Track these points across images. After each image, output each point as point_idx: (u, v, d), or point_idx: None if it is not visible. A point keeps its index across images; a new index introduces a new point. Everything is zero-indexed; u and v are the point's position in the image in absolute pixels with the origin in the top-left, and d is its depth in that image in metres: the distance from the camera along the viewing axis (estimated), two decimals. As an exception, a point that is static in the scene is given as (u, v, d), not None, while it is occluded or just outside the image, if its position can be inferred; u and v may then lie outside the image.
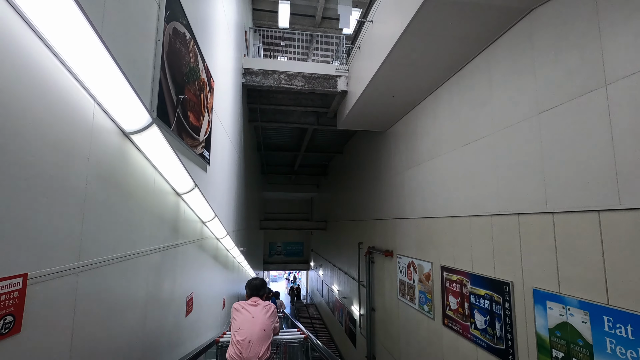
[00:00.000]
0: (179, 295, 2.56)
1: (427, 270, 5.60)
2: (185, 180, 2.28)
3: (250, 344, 2.66)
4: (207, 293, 3.72)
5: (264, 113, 8.21)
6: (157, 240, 2.03)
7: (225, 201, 4.63)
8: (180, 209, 2.56)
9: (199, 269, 3.17)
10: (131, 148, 1.66)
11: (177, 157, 1.98)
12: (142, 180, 1.81)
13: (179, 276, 2.53)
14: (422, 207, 5.84)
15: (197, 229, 3.09)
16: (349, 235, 11.45)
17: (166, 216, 2.23)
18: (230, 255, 5.62)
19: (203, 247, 3.37)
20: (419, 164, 6.01)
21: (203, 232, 3.34)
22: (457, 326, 4.66)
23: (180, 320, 2.56)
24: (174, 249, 2.38)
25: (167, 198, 2.25)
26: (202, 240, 3.28)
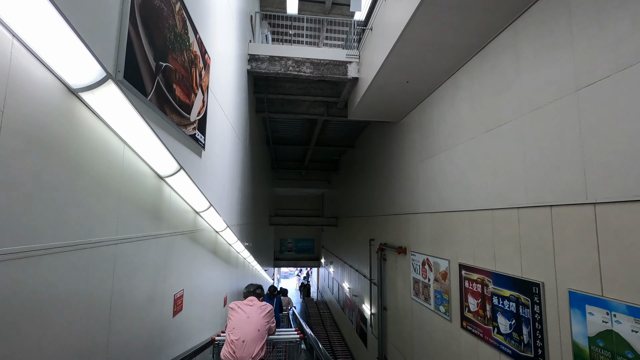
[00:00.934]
0: (164, 293, 2.27)
1: (444, 269, 5.20)
2: (167, 161, 1.97)
3: (244, 344, 2.71)
4: (204, 290, 3.43)
5: (271, 103, 7.90)
6: (128, 229, 1.73)
7: (227, 192, 4.33)
8: (165, 195, 2.26)
9: (191, 263, 2.88)
10: (83, 111, 1.34)
11: (152, 129, 1.67)
12: (104, 153, 1.50)
13: (163, 271, 2.23)
14: (438, 200, 5.44)
15: (189, 220, 2.80)
16: (360, 231, 11.08)
17: (143, 201, 1.93)
18: (233, 250, 5.33)
19: (197, 240, 3.08)
20: (435, 155, 5.60)
21: (197, 223, 3.05)
22: (477, 330, 4.26)
23: (165, 321, 2.27)
24: (155, 240, 2.08)
25: (145, 181, 1.95)
26: (196, 232, 2.99)
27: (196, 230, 3.00)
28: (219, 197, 3.89)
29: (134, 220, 1.78)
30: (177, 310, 2.47)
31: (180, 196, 2.52)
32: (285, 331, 3.89)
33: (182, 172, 2.17)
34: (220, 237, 4.19)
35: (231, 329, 2.80)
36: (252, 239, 9.03)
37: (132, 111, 1.50)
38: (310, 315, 17.90)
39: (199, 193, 2.69)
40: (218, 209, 3.69)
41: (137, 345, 1.84)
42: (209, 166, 3.30)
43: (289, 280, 35.56)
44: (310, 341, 4.19)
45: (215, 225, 3.62)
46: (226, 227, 3.85)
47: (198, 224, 3.07)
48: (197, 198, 2.72)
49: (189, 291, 2.82)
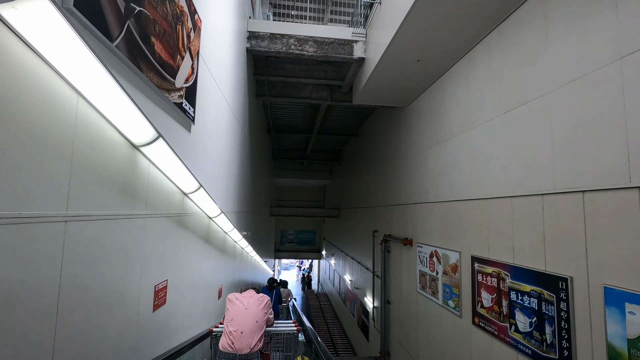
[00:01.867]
0: (141, 284, 1.94)
1: (454, 261, 4.87)
2: (140, 125, 1.62)
3: (243, 335, 2.75)
4: (194, 281, 3.12)
5: (272, 87, 7.51)
6: (85, 204, 1.39)
7: (222, 176, 3.99)
8: (141, 168, 1.92)
9: (178, 250, 2.55)
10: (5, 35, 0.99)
11: (118, 83, 1.32)
12: (41, 99, 1.15)
13: (138, 259, 1.90)
14: (449, 188, 5.09)
15: (175, 201, 2.47)
16: (363, 222, 10.77)
17: (110, 173, 1.58)
18: (229, 239, 5.02)
19: (186, 225, 2.75)
20: (446, 140, 5.23)
21: (186, 206, 2.71)
22: (491, 327, 3.95)
23: (142, 317, 1.95)
24: (127, 221, 1.75)
25: (112, 148, 1.60)
26: (184, 216, 2.66)
27: (184, 214, 2.67)
28: (213, 180, 3.55)
29: (94, 194, 1.44)
30: (158, 304, 2.15)
31: (163, 172, 2.18)
32: (284, 323, 3.87)
33: (162, 142, 1.83)
34: (214, 224, 3.87)
35: (229, 320, 2.84)
36: (252, 229, 8.72)
37: (85, 52, 1.15)
38: (310, 307, 17.71)
39: (186, 171, 2.35)
40: (211, 192, 3.36)
41: (101, 347, 1.52)
42: (201, 144, 2.96)
43: (290, 272, 35.45)
44: (309, 334, 4.13)
45: (208, 210, 3.29)
46: (220, 213, 3.52)
47: (187, 207, 2.74)
48: (185, 177, 2.38)
49: (175, 282, 2.51)
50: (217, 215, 3.52)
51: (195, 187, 2.58)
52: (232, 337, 2.75)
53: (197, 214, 3.10)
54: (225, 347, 2.74)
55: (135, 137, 1.71)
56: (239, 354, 2.73)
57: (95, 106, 1.46)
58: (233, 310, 2.90)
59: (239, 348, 2.71)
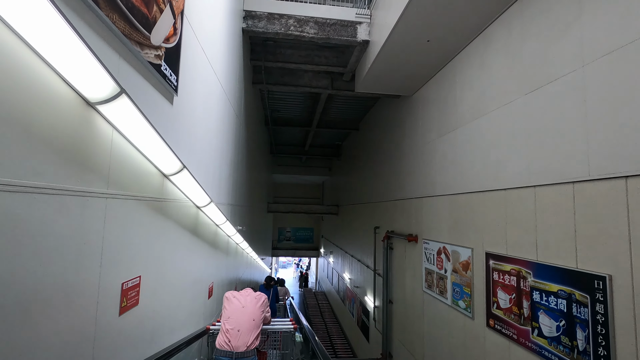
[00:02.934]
0: (101, 282, 1.55)
1: (465, 258, 4.51)
2: (96, 74, 1.23)
3: (239, 333, 2.75)
4: (178, 278, 2.73)
5: (269, 73, 7.12)
6: (4, 168, 1.01)
7: (214, 163, 3.60)
8: (100, 134, 1.52)
9: (156, 242, 2.16)
10: None
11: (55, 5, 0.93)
12: None
13: (97, 249, 1.52)
14: (460, 180, 4.71)
15: (151, 183, 2.08)
16: (363, 219, 10.40)
17: (48, 131, 1.19)
18: (221, 233, 4.63)
19: (167, 213, 2.36)
20: (457, 129, 4.86)
21: (167, 190, 2.32)
22: (509, 330, 3.58)
23: (104, 322, 1.56)
24: (77, 199, 1.36)
25: (55, 101, 1.21)
26: (163, 202, 2.27)
27: (165, 200, 2.28)
28: (202, 166, 3.16)
29: (20, 156, 1.06)
30: (127, 306, 1.76)
31: (133, 144, 1.78)
32: (281, 321, 3.85)
33: (127, 102, 1.43)
34: (204, 215, 3.48)
35: (226, 318, 2.85)
36: (247, 225, 8.33)
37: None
38: (308, 306, 17.35)
39: (165, 148, 1.96)
40: (200, 178, 2.97)
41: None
42: (186, 121, 2.57)
43: (287, 270, 35.09)
44: (306, 332, 4.08)
45: (195, 198, 2.90)
46: (210, 202, 3.13)
47: (168, 192, 2.35)
48: (164, 154, 1.99)
49: (153, 279, 2.12)
50: (207, 204, 3.12)
51: (178, 168, 2.19)
52: (228, 335, 2.77)
53: (182, 202, 2.71)
54: (222, 345, 2.75)
55: (89, 90, 1.32)
56: (236, 352, 2.73)
57: (28, 42, 1.07)
58: (230, 309, 2.91)
59: (236, 346, 2.73)
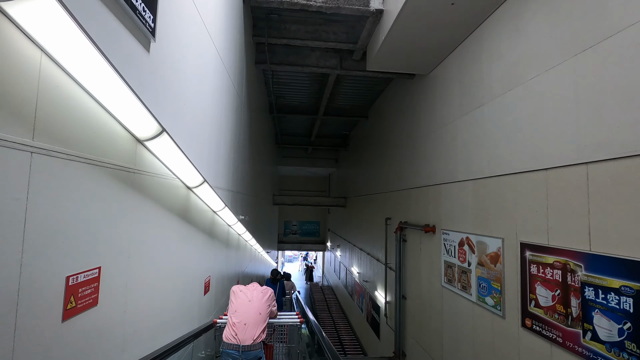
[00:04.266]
0: (22, 274, 1.08)
1: (494, 250, 4.00)
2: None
3: (246, 327, 2.78)
4: (162, 270, 2.27)
5: (273, 52, 6.60)
6: None
7: (208, 136, 3.11)
8: (13, 51, 1.06)
9: (124, 224, 1.68)
10: None
11: None
12: None
13: (15, 226, 1.04)
14: (487, 162, 4.19)
15: (116, 146, 1.60)
16: (373, 210, 9.90)
17: None
18: (220, 222, 4.19)
19: (143, 188, 1.87)
20: (483, 105, 4.32)
21: (141, 159, 1.83)
22: (552, 332, 3.08)
23: (32, 335, 1.09)
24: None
25: None
26: (137, 173, 1.79)
27: (138, 172, 1.80)
28: (194, 138, 2.67)
29: None
30: (77, 308, 1.29)
31: (78, 82, 1.31)
32: (287, 315, 3.82)
33: (60, 11, 0.97)
34: (197, 198, 3.02)
35: (233, 312, 2.89)
36: (252, 215, 7.88)
37: None
38: (315, 300, 16.96)
39: (134, 100, 1.49)
40: (191, 154, 2.50)
41: None
42: (169, 78, 2.05)
43: (293, 264, 34.80)
44: (312, 326, 4.01)
45: (184, 174, 2.42)
46: (203, 182, 2.66)
47: (144, 163, 1.87)
48: (133, 108, 1.52)
49: (120, 272, 1.65)
50: (199, 184, 2.66)
51: (155, 130, 1.72)
52: (235, 328, 2.80)
53: (166, 178, 2.24)
54: (228, 338, 2.77)
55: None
56: (243, 345, 2.73)
57: None
58: (237, 302, 2.94)
59: (243, 339, 2.74)
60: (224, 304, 4.62)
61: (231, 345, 2.73)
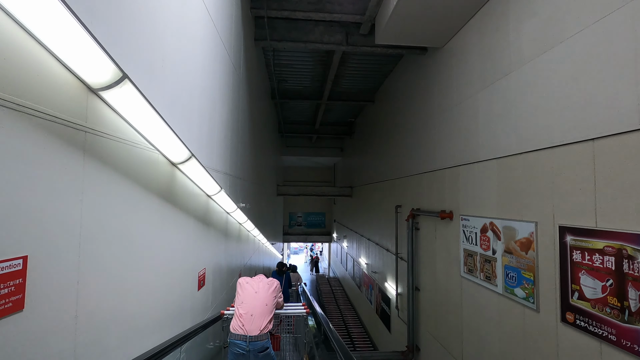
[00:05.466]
0: None
1: (525, 235, 3.55)
2: None
3: (253, 318, 2.83)
4: (138, 264, 1.84)
5: (274, 28, 6.11)
6: None
7: (197, 106, 2.65)
8: None
9: (63, 197, 1.21)
10: None
11: None
12: None
13: None
14: (515, 138, 3.72)
15: (60, 95, 1.18)
16: (382, 198, 9.46)
17: None
18: (218, 209, 3.77)
19: (102, 155, 1.40)
20: (510, 73, 3.83)
21: (97, 115, 1.35)
22: (602, 328, 2.64)
23: None
24: None
25: None
26: (89, 133, 1.32)
27: (92, 132, 1.33)
28: (177, 103, 2.22)
29: None
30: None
31: None
32: (293, 306, 3.84)
33: None
34: (186, 178, 2.60)
35: (240, 303, 2.93)
36: (255, 205, 7.48)
37: None
38: (322, 292, 16.66)
39: (77, 26, 1.06)
40: (176, 124, 2.07)
41: None
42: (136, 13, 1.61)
43: (299, 256, 34.58)
44: (319, 317, 3.98)
45: (163, 145, 1.96)
46: (190, 157, 2.22)
47: (103, 122, 1.42)
48: (77, 37, 1.09)
49: (69, 264, 1.22)
50: (185, 160, 2.23)
51: (112, 76, 1.27)
52: (242, 319, 2.82)
53: (138, 146, 1.80)
54: (236, 329, 2.80)
55: None
56: (249, 336, 2.76)
57: None
58: (243, 294, 2.98)
59: (250, 330, 2.77)
60: (224, 300, 4.24)
61: (238, 335, 2.76)
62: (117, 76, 1.31)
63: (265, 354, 2.81)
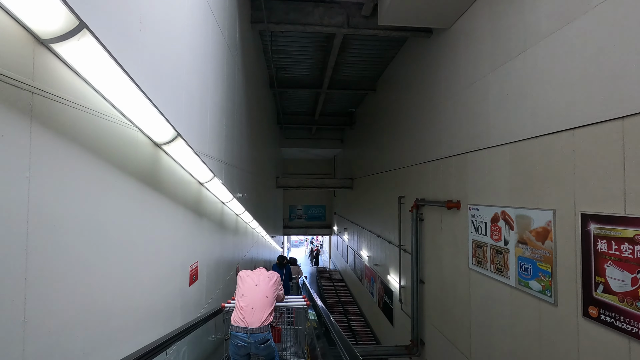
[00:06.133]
0: None
1: (542, 224, 3.31)
2: None
3: (253, 310, 2.84)
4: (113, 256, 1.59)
5: (271, 10, 5.81)
6: None
7: (183, 83, 2.35)
8: None
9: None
10: None
11: None
12: None
13: None
14: (531, 120, 3.46)
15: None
16: (384, 190, 9.22)
17: None
18: (212, 199, 3.53)
19: (57, 124, 1.12)
20: (526, 50, 3.56)
21: (44, 72, 1.10)
22: (632, 324, 2.42)
23: None
24: None
25: None
26: (36, 95, 1.05)
27: (41, 93, 1.08)
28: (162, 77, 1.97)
29: None
30: None
31: None
32: (294, 298, 3.85)
33: None
34: (173, 162, 2.35)
35: (240, 296, 2.95)
36: (254, 196, 7.23)
37: None
38: (323, 286, 16.50)
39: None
40: (158, 98, 1.81)
41: None
42: None
43: (299, 249, 34.47)
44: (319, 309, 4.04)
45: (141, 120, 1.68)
46: (176, 137, 1.94)
47: (60, 85, 1.15)
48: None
49: (9, 258, 0.99)
50: (170, 140, 1.98)
51: (65, 23, 1.02)
52: (243, 311, 2.83)
53: (109, 118, 1.54)
54: (236, 321, 2.80)
55: None
56: (250, 328, 2.76)
57: None
58: (244, 287, 2.98)
59: (250, 322, 2.78)
60: (220, 296, 4.02)
61: (239, 328, 2.77)
62: (72, 24, 1.05)
63: (266, 345, 2.84)
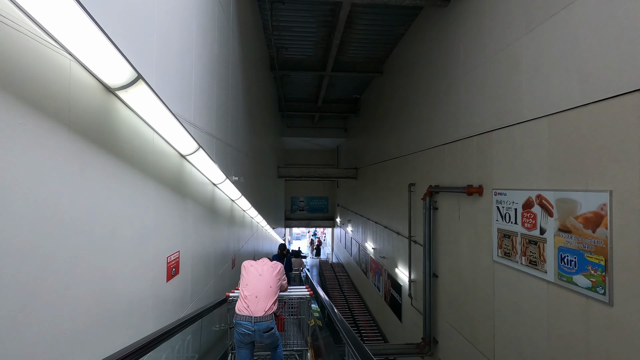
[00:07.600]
0: None
1: (594, 208, 2.78)
2: None
3: (257, 299, 2.89)
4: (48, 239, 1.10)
5: (271, -26, 5.21)
6: None
7: (156, 25, 1.87)
8: None
9: None
10: None
11: None
12: None
13: None
14: (579, 86, 2.91)
15: None
16: (391, 177, 8.68)
17: None
18: (202, 178, 3.01)
19: None
20: (574, 1, 2.98)
21: None
22: None
23: None
24: None
25: None
26: None
27: None
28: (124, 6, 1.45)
29: None
30: None
31: None
32: (296, 289, 3.95)
33: None
34: (141, 122, 1.82)
35: (244, 285, 3.01)
36: (253, 182, 6.71)
37: None
38: (326, 278, 16.06)
39: None
40: (108, 22, 1.28)
41: None
42: None
43: (301, 241, 34.06)
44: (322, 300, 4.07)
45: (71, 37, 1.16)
46: (137, 79, 1.39)
47: None
48: None
49: None
50: (129, 84, 1.40)
51: None
52: (247, 301, 2.89)
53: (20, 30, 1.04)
54: (241, 310, 2.85)
55: None
56: (254, 316, 2.82)
57: None
58: (248, 277, 3.04)
59: (254, 310, 2.83)
60: (211, 292, 3.54)
61: (244, 316, 2.81)
62: None
63: (270, 333, 2.89)
